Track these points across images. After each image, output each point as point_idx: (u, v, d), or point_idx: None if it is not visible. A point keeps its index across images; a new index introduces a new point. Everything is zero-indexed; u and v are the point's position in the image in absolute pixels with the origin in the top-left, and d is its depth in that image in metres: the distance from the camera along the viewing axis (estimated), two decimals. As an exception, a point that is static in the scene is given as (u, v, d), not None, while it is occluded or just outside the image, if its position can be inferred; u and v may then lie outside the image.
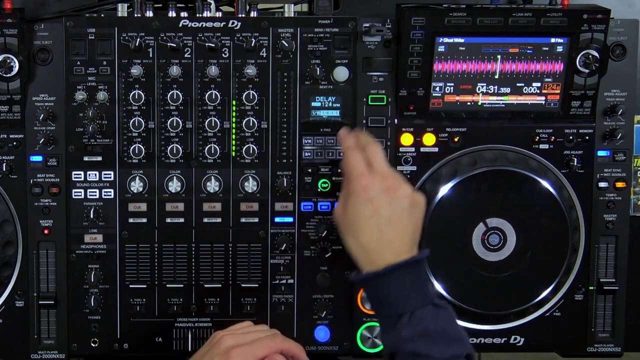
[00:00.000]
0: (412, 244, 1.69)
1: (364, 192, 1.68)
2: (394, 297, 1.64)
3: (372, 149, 1.75)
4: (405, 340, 1.61)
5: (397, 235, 1.68)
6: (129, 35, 1.83)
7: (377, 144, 1.78)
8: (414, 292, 1.64)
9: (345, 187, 1.74)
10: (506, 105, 1.91)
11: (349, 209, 1.70)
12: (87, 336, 1.90)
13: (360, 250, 1.69)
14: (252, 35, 1.84)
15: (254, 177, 1.88)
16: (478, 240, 1.89)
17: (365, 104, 1.89)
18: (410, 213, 1.70)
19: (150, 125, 1.86)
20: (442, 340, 1.61)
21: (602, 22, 1.84)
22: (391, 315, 1.64)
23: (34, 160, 1.86)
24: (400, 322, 1.63)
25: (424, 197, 1.73)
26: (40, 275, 1.88)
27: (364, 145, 1.76)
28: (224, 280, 1.90)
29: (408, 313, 1.63)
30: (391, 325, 1.64)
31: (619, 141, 1.92)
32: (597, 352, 1.96)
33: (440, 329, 1.62)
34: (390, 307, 1.65)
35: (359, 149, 1.75)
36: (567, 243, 1.90)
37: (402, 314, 1.63)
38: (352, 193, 1.70)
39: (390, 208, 1.68)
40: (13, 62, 1.80)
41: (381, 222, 1.67)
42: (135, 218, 1.88)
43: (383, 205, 1.68)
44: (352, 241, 1.70)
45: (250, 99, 1.86)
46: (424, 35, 1.83)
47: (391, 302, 1.65)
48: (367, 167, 1.71)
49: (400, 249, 1.67)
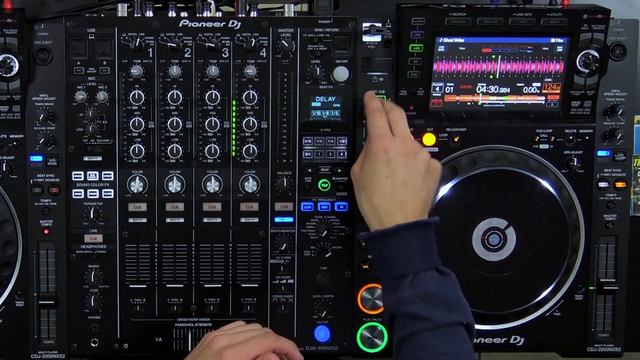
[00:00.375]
0: (423, 208, 1.73)
1: (383, 153, 1.72)
2: (398, 258, 1.66)
3: (396, 113, 1.79)
4: (406, 301, 1.62)
5: (410, 199, 1.71)
6: (129, 35, 1.83)
7: (400, 109, 1.81)
8: (419, 255, 1.65)
9: (367, 145, 1.78)
10: (506, 105, 1.91)
11: (367, 168, 1.74)
12: (87, 336, 1.90)
13: (372, 209, 1.72)
14: (252, 35, 1.84)
15: (254, 177, 1.88)
16: (478, 240, 1.89)
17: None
18: (425, 178, 1.74)
19: (150, 125, 1.86)
20: (443, 305, 1.61)
21: (602, 22, 1.84)
22: (394, 276, 1.66)
23: (34, 160, 1.86)
24: (402, 283, 1.64)
25: (440, 165, 1.78)
26: (40, 275, 1.88)
27: (388, 109, 1.80)
28: (224, 280, 1.90)
29: (411, 274, 1.64)
30: (393, 287, 1.65)
31: (619, 141, 1.92)
32: (597, 352, 1.96)
33: (442, 294, 1.63)
34: (394, 268, 1.66)
35: (383, 111, 1.79)
36: (567, 243, 1.90)
37: (405, 275, 1.64)
38: (372, 153, 1.74)
39: (407, 171, 1.72)
40: (13, 62, 1.80)
41: (396, 183, 1.71)
42: (135, 218, 1.88)
43: (400, 167, 1.72)
44: (364, 199, 1.74)
45: (250, 99, 1.86)
46: (424, 35, 1.83)
47: (395, 263, 1.66)
48: (389, 130, 1.75)
49: (411, 212, 1.70)
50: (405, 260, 1.66)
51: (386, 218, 1.70)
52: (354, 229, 1.90)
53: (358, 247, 1.91)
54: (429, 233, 1.69)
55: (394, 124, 1.78)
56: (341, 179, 1.89)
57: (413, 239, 1.67)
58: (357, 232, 1.90)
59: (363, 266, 1.91)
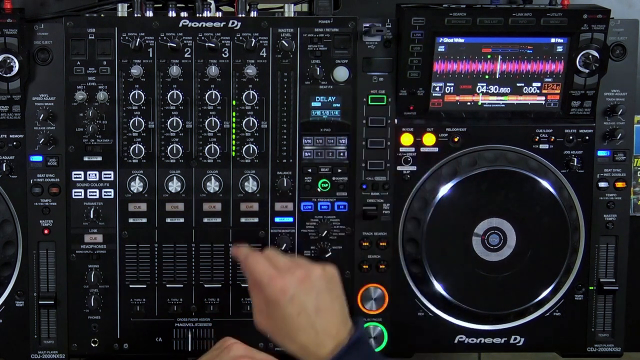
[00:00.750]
0: (344, 319, 1.66)
1: (282, 295, 1.63)
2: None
3: (267, 251, 1.71)
4: None
5: (330, 321, 1.64)
6: (129, 35, 1.83)
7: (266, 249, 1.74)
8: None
9: (257, 293, 1.67)
10: (506, 105, 1.91)
11: (275, 315, 1.65)
12: (87, 336, 1.90)
13: (302, 349, 1.64)
14: (252, 35, 1.84)
15: (254, 177, 1.88)
16: (478, 240, 1.89)
17: (365, 104, 1.89)
18: (330, 291, 1.66)
19: (150, 125, 1.86)
20: None
21: (602, 22, 1.84)
22: None
23: (34, 160, 1.86)
24: None
25: (334, 266, 1.68)
26: (40, 275, 1.88)
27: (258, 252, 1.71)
28: (224, 280, 1.90)
29: None
30: None
31: (619, 141, 1.92)
32: (597, 352, 1.96)
33: None
34: None
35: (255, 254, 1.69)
36: (567, 243, 1.90)
37: None
38: (271, 299, 1.64)
39: (312, 297, 1.63)
40: (13, 62, 1.80)
41: (310, 316, 1.63)
42: (135, 218, 1.88)
43: (305, 298, 1.63)
44: (289, 343, 1.65)
45: (250, 99, 1.86)
46: (424, 35, 1.83)
47: None
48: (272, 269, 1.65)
49: (337, 331, 1.63)
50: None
51: (320, 351, 1.63)
52: (354, 229, 1.90)
53: (358, 247, 1.91)
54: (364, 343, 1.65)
55: (271, 259, 1.68)
56: (341, 179, 1.89)
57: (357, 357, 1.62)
58: (357, 232, 1.90)
59: (363, 266, 1.92)
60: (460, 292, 1.89)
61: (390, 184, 1.90)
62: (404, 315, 1.92)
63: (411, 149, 1.90)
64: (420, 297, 1.93)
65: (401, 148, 1.90)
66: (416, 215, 1.89)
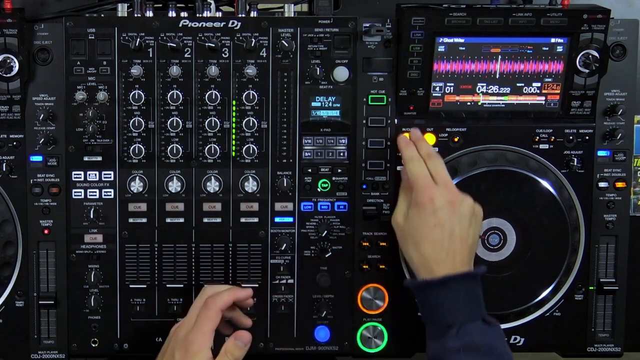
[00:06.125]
0: (470, 257, 1.75)
1: (430, 204, 1.74)
2: (445, 308, 1.68)
3: (435, 160, 1.80)
4: (452, 351, 1.64)
5: (458, 248, 1.73)
6: (129, 35, 1.83)
7: (438, 155, 1.82)
8: (466, 306, 1.68)
9: (405, 195, 1.80)
10: (506, 105, 1.91)
11: (413, 219, 1.75)
12: (87, 336, 1.90)
13: (420, 259, 1.74)
14: (252, 35, 1.84)
15: (254, 177, 1.88)
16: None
17: (365, 104, 1.89)
18: (471, 225, 1.76)
19: (150, 125, 1.86)
20: (488, 356, 1.63)
21: (602, 22, 1.84)
22: (440, 324, 1.67)
23: (34, 160, 1.86)
24: (448, 333, 1.66)
25: (481, 209, 1.78)
26: (40, 275, 1.88)
27: (425, 156, 1.80)
28: (224, 280, 1.90)
29: (457, 325, 1.66)
30: (438, 335, 1.68)
31: (619, 141, 1.92)
32: (597, 352, 1.96)
33: (487, 345, 1.65)
34: (440, 317, 1.68)
35: (421, 159, 1.79)
36: (567, 243, 1.90)
37: (451, 325, 1.67)
38: (418, 203, 1.75)
39: (454, 220, 1.74)
40: (13, 62, 1.80)
41: (444, 234, 1.72)
42: (135, 218, 1.88)
43: (447, 217, 1.73)
44: (412, 249, 1.75)
45: (250, 99, 1.86)
46: (424, 35, 1.83)
47: (442, 312, 1.68)
48: (431, 179, 1.76)
49: (459, 261, 1.72)
50: (452, 310, 1.68)
51: (436, 268, 1.72)
52: (354, 229, 1.90)
53: (358, 247, 1.91)
54: (476, 284, 1.72)
55: (434, 172, 1.78)
56: (341, 179, 1.89)
57: (461, 290, 1.69)
58: (357, 232, 1.90)
59: (363, 266, 1.92)
60: (460, 292, 1.90)
61: (390, 184, 1.90)
62: (404, 315, 1.92)
63: (411, 149, 1.90)
64: (420, 297, 1.93)
65: (401, 148, 1.90)
66: (416, 215, 1.89)
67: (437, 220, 1.73)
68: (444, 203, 1.74)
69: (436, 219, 1.73)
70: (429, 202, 1.74)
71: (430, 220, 1.73)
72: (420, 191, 1.76)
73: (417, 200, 1.76)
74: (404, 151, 1.82)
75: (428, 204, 1.74)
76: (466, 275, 1.71)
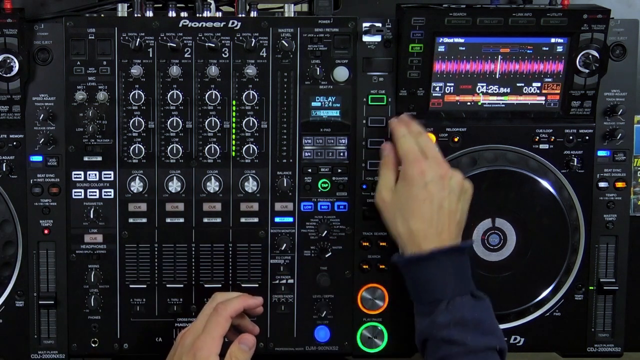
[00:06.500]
0: (458, 231, 1.74)
1: (420, 177, 1.73)
2: (434, 282, 1.68)
3: (425, 137, 1.80)
4: (441, 326, 1.64)
5: (446, 222, 1.72)
6: (129, 35, 1.83)
7: (427, 134, 1.83)
8: (455, 280, 1.67)
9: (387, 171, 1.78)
10: (506, 105, 1.91)
11: (402, 193, 1.74)
12: (87, 336, 1.90)
13: (408, 233, 1.73)
14: (252, 35, 1.84)
15: (254, 177, 1.88)
16: (478, 240, 1.89)
17: (365, 104, 1.89)
18: (460, 200, 1.75)
19: (150, 125, 1.86)
20: (477, 330, 1.63)
21: (602, 22, 1.84)
22: (429, 300, 1.68)
23: (34, 160, 1.86)
24: (437, 308, 1.65)
25: (471, 185, 1.78)
26: (40, 275, 1.88)
27: (416, 133, 1.80)
28: (224, 280, 1.90)
29: (446, 300, 1.66)
30: (427, 311, 1.67)
31: (619, 141, 1.92)
32: (597, 352, 1.96)
33: (477, 319, 1.64)
34: (429, 292, 1.68)
35: (412, 136, 1.79)
36: (567, 243, 1.90)
37: (440, 300, 1.66)
38: (407, 177, 1.74)
39: (444, 194, 1.73)
40: (13, 62, 1.80)
41: (433, 207, 1.72)
42: (135, 218, 1.88)
43: (437, 191, 1.72)
44: (400, 223, 1.74)
45: (250, 99, 1.86)
46: (424, 35, 1.83)
47: (431, 287, 1.68)
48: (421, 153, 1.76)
49: (447, 236, 1.71)
50: (441, 285, 1.68)
51: (424, 242, 1.71)
52: (354, 229, 1.90)
53: (358, 247, 1.91)
54: (464, 257, 1.72)
55: (425, 147, 1.78)
56: (341, 179, 1.89)
57: (449, 263, 1.69)
58: (357, 232, 1.90)
59: (363, 266, 1.92)
60: (460, 292, 1.90)
61: (390, 184, 1.90)
62: (404, 315, 1.92)
63: (411, 149, 1.90)
64: (420, 297, 1.93)
65: (401, 148, 1.90)
66: (416, 215, 1.89)
67: (427, 194, 1.72)
68: (434, 176, 1.73)
69: (426, 193, 1.72)
70: (419, 175, 1.73)
71: (421, 193, 1.72)
72: (410, 164, 1.74)
73: (406, 174, 1.74)
74: (395, 129, 1.82)
75: (418, 177, 1.73)
76: (454, 249, 1.70)
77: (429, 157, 1.76)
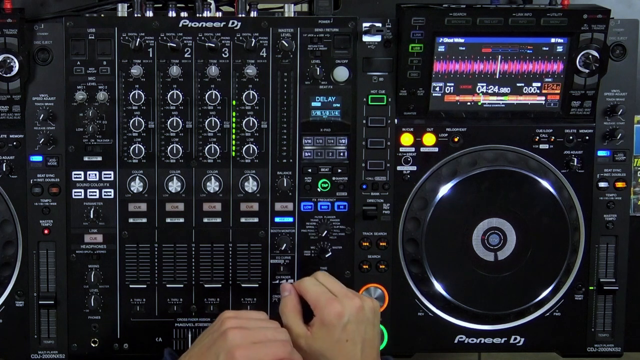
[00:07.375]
0: (377, 355, 1.71)
1: (338, 320, 1.66)
2: None
3: (322, 274, 1.75)
4: None
5: (370, 354, 1.69)
6: (129, 35, 1.83)
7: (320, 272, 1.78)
8: None
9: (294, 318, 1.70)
10: (506, 105, 1.91)
11: (322, 338, 1.67)
12: (87, 336, 1.90)
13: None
14: (252, 35, 1.84)
15: (254, 177, 1.88)
16: (478, 240, 1.89)
17: (365, 104, 1.89)
18: (375, 326, 1.71)
19: (150, 125, 1.86)
20: None
21: (602, 22, 1.84)
22: None
23: (34, 160, 1.86)
24: None
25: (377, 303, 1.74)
26: (40, 275, 1.88)
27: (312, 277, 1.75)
28: (224, 280, 1.90)
29: None
30: None
31: (619, 141, 1.92)
32: (597, 352, 1.96)
33: None
34: None
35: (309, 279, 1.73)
36: (567, 243, 1.90)
37: None
38: (326, 322, 1.66)
39: (362, 328, 1.68)
40: (13, 62, 1.80)
41: (356, 345, 1.67)
42: (135, 218, 1.88)
43: (356, 327, 1.67)
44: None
45: (250, 99, 1.86)
46: (424, 35, 1.83)
47: None
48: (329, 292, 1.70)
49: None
50: None
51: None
52: (354, 229, 1.90)
53: (358, 247, 1.91)
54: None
55: (329, 286, 1.72)
56: (341, 179, 1.89)
57: None
58: (357, 232, 1.90)
59: (363, 266, 1.92)
60: (460, 292, 1.90)
61: (390, 184, 1.90)
62: (404, 315, 1.92)
63: (411, 149, 1.90)
64: (420, 297, 1.93)
65: (401, 148, 1.90)
66: (416, 215, 1.89)
67: (348, 334, 1.66)
68: (351, 314, 1.67)
69: (347, 334, 1.66)
70: (337, 318, 1.66)
71: (342, 336, 1.66)
72: (325, 309, 1.67)
73: (323, 320, 1.67)
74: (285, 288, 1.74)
75: (336, 320, 1.66)
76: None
77: (338, 295, 1.69)
